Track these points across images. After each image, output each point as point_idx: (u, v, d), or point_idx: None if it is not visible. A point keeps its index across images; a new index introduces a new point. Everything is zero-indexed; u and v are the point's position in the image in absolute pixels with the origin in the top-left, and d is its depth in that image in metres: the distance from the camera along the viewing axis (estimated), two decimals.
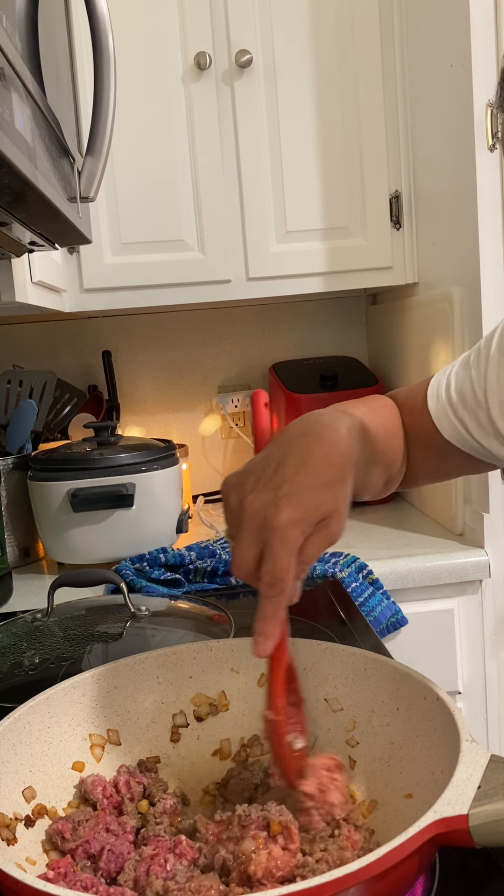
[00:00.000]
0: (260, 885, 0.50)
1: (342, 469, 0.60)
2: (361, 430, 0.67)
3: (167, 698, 0.69)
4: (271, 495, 0.56)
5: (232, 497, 0.60)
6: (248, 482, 0.59)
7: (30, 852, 0.56)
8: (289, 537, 0.55)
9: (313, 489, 0.57)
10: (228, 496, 0.60)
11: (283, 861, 0.51)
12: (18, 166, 0.60)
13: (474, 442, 0.78)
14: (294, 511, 0.55)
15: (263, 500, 0.56)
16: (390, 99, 1.57)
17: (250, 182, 1.56)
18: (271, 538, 0.55)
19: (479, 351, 0.79)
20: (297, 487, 0.56)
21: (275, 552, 0.55)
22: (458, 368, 0.81)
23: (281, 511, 0.55)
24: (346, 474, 0.60)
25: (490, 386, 0.76)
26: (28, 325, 1.87)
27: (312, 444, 0.60)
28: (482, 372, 0.77)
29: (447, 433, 0.79)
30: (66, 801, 0.62)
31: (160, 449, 1.44)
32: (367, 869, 0.42)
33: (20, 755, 0.60)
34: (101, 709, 0.67)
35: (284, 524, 0.55)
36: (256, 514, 0.56)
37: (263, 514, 0.56)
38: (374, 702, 0.64)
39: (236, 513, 0.58)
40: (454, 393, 0.79)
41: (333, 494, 0.58)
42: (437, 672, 1.11)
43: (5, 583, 1.32)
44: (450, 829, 0.45)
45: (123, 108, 1.13)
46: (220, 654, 0.70)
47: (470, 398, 0.77)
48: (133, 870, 0.53)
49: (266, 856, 0.50)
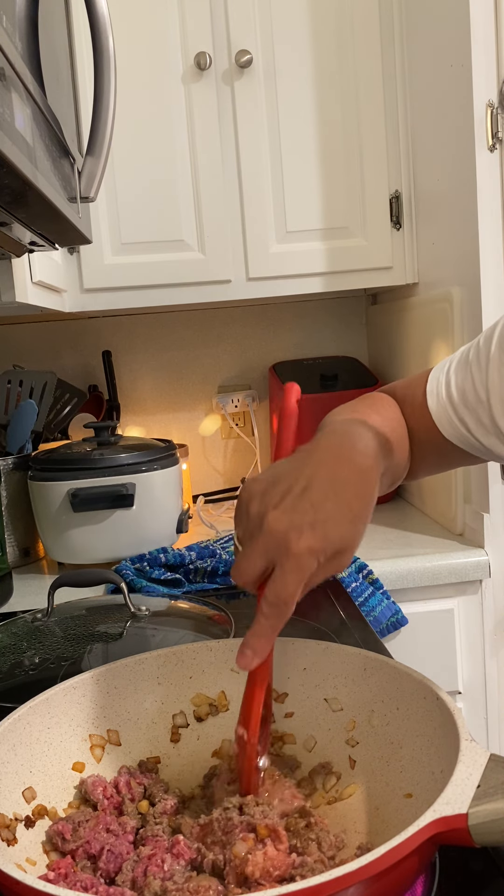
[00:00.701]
0: (258, 886, 0.50)
1: (370, 504, 0.59)
2: (385, 447, 0.67)
3: (167, 698, 0.69)
4: (297, 519, 0.55)
5: (253, 505, 0.58)
6: (274, 495, 0.57)
7: (30, 853, 0.56)
8: (304, 566, 0.54)
9: (340, 523, 0.56)
10: (249, 503, 0.58)
11: (280, 861, 0.51)
12: (18, 166, 0.60)
13: (474, 440, 0.78)
14: (316, 542, 0.55)
15: (286, 522, 0.55)
16: (390, 99, 1.57)
17: (250, 182, 1.56)
18: (286, 562, 0.54)
19: (478, 348, 0.79)
20: (323, 517, 0.55)
21: (286, 576, 0.54)
22: (456, 365, 0.80)
23: (303, 538, 0.54)
24: (371, 508, 0.59)
25: (492, 384, 0.76)
26: (28, 325, 1.87)
27: (345, 472, 0.59)
28: (483, 369, 0.77)
29: (447, 432, 0.79)
30: (66, 802, 0.62)
31: (160, 449, 1.44)
32: (367, 868, 0.42)
33: (20, 756, 0.60)
34: (101, 709, 0.67)
35: (303, 552, 0.54)
36: (276, 533, 0.55)
37: (284, 536, 0.55)
38: (374, 702, 0.64)
39: (254, 523, 0.57)
40: (455, 391, 0.78)
41: (356, 530, 0.57)
42: (437, 672, 1.12)
43: (5, 583, 1.32)
44: (449, 829, 0.45)
45: (123, 109, 1.13)
46: (220, 654, 0.70)
47: (471, 396, 0.77)
48: (131, 870, 0.53)
49: (262, 856, 0.50)
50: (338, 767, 0.64)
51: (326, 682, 0.67)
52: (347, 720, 0.65)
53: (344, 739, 0.65)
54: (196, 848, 0.54)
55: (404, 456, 0.78)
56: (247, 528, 0.58)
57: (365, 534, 0.59)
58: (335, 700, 0.66)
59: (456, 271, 1.40)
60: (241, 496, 0.60)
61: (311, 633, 1.02)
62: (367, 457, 0.61)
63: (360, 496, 0.58)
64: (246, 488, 0.60)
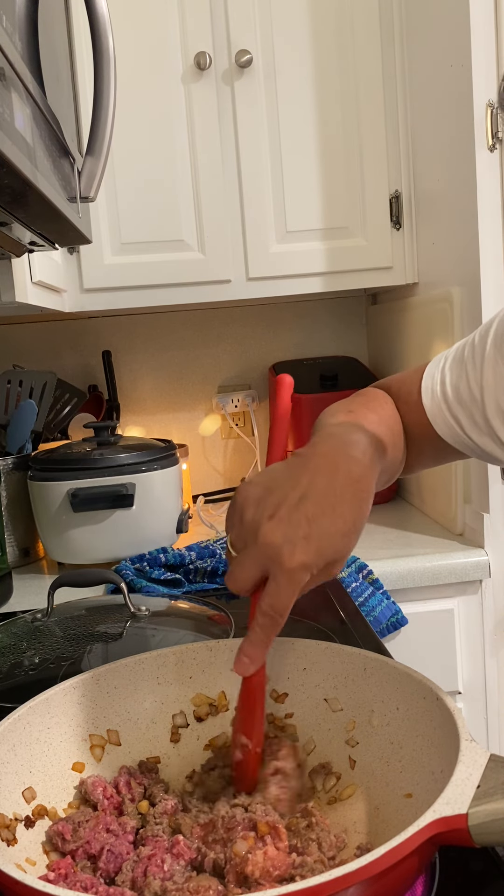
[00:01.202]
0: (258, 886, 0.50)
1: (364, 516, 0.59)
2: (379, 449, 0.67)
3: (167, 698, 0.69)
4: (291, 532, 0.55)
5: (248, 512, 0.58)
6: (269, 504, 0.57)
7: (30, 853, 0.56)
8: (298, 580, 0.55)
9: (334, 538, 0.56)
10: (244, 509, 0.58)
11: (280, 860, 0.51)
12: (18, 166, 0.60)
13: (467, 439, 0.78)
14: (309, 557, 0.55)
15: (280, 536, 0.55)
16: (390, 99, 1.57)
17: (250, 182, 1.56)
18: (279, 575, 0.55)
19: (473, 346, 0.79)
20: (317, 533, 0.55)
21: (280, 589, 0.55)
22: (451, 362, 0.80)
23: (296, 553, 0.54)
24: (365, 519, 0.59)
25: (486, 383, 0.76)
26: (28, 325, 1.87)
27: (341, 483, 0.58)
28: (478, 368, 0.77)
29: (441, 430, 0.79)
30: (66, 802, 0.62)
31: (160, 449, 1.44)
32: (367, 868, 0.42)
33: (20, 756, 0.60)
34: (101, 709, 0.67)
35: (297, 567, 0.54)
36: (271, 546, 0.55)
37: (278, 549, 0.55)
38: (374, 702, 0.64)
39: (249, 531, 0.57)
40: (449, 389, 0.78)
41: (349, 543, 0.58)
42: (437, 672, 1.11)
43: (5, 583, 1.32)
44: (449, 829, 0.45)
45: (123, 109, 1.13)
46: (220, 654, 0.70)
47: (465, 395, 0.77)
48: (131, 870, 0.53)
49: (262, 856, 0.50)
50: (337, 768, 0.64)
51: (326, 682, 0.67)
52: (347, 720, 0.65)
53: (344, 739, 0.65)
54: (196, 848, 0.54)
55: (400, 453, 0.78)
56: (240, 534, 0.58)
57: (365, 534, 0.60)
58: (335, 700, 0.66)
59: (456, 271, 1.40)
60: (235, 499, 0.60)
61: (311, 633, 1.01)
62: (363, 465, 0.61)
63: (355, 508, 0.58)
64: (241, 492, 0.60)
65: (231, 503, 0.61)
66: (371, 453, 0.64)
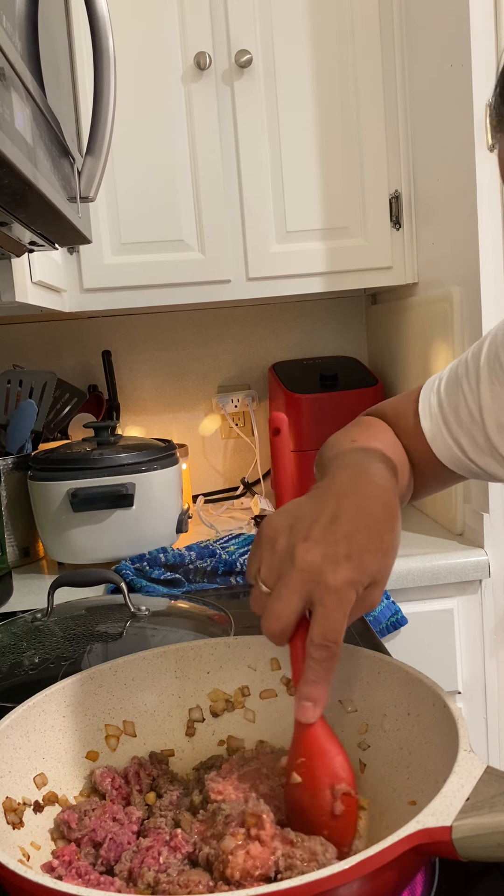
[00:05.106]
0: (241, 886, 0.49)
1: (397, 535, 0.57)
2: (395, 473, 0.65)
3: (184, 692, 0.69)
4: (331, 550, 0.52)
5: (279, 541, 0.54)
6: (300, 528, 0.54)
7: (35, 837, 0.56)
8: (346, 599, 0.51)
9: (374, 554, 0.54)
10: (274, 539, 0.55)
11: (262, 860, 0.50)
12: (18, 166, 0.60)
13: (469, 462, 0.77)
14: (353, 572, 0.52)
15: (320, 555, 0.52)
16: (390, 99, 1.57)
17: (250, 182, 1.56)
18: (326, 597, 0.51)
19: (467, 365, 0.78)
20: (357, 548, 0.53)
21: (329, 612, 0.51)
22: (446, 384, 0.79)
23: (340, 570, 0.51)
24: (398, 540, 0.57)
25: (484, 402, 0.75)
26: (28, 325, 1.87)
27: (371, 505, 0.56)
28: (474, 388, 0.76)
29: (442, 455, 0.78)
30: (77, 790, 0.62)
31: (160, 449, 1.44)
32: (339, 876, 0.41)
33: (34, 742, 0.61)
34: (118, 700, 0.67)
35: (343, 584, 0.51)
36: (311, 567, 0.52)
37: (320, 569, 0.51)
38: (387, 705, 0.63)
39: (283, 558, 0.53)
40: (448, 410, 0.77)
41: (388, 561, 0.55)
42: (437, 672, 1.11)
43: (5, 583, 1.32)
44: (432, 841, 0.44)
45: (123, 109, 1.13)
46: (238, 650, 0.70)
47: (465, 415, 0.76)
48: (129, 860, 0.53)
49: (243, 856, 0.50)
50: None
51: (342, 684, 0.66)
52: (360, 723, 0.64)
53: (356, 742, 0.64)
54: (193, 842, 0.55)
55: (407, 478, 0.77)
56: (272, 564, 0.54)
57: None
58: (349, 702, 0.65)
59: (456, 271, 1.40)
60: (261, 531, 0.56)
61: None
62: (386, 489, 0.59)
63: (389, 528, 0.56)
64: (267, 524, 0.56)
65: (256, 538, 0.57)
66: (390, 476, 0.62)
